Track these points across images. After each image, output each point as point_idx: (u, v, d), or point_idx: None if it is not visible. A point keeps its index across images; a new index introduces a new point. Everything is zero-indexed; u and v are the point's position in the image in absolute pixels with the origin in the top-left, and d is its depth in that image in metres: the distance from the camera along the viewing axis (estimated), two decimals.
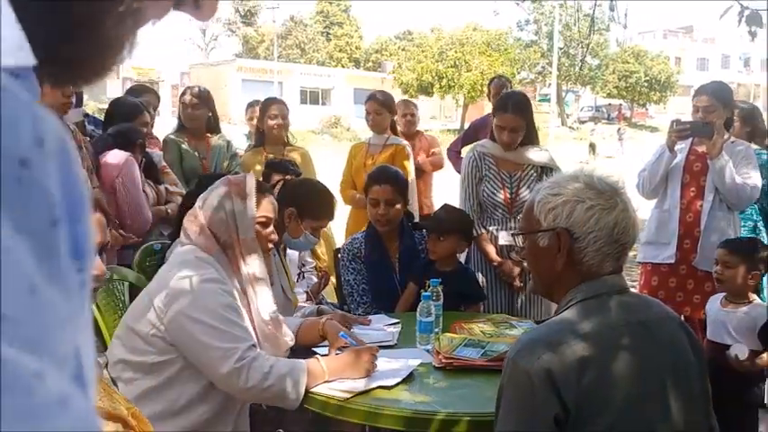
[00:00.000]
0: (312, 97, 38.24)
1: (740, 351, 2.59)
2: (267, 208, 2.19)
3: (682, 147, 3.48)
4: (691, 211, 3.45)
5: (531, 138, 3.24)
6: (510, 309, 3.19)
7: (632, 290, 1.59)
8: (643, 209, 3.85)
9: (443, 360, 2.11)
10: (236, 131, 7.27)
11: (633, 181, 3.66)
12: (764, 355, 2.64)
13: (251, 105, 5.43)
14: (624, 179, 1.57)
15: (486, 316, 2.77)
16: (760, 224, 3.74)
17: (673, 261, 3.46)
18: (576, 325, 1.40)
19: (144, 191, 3.26)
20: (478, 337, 2.34)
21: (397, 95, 8.87)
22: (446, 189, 5.50)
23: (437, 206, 3.46)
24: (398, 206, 2.99)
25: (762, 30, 4.17)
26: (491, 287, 3.25)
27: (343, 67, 44.46)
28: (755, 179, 3.39)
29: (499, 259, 3.20)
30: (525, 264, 2.89)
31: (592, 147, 25.51)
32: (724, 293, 2.83)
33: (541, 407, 1.32)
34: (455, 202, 3.32)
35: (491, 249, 3.21)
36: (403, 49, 37.51)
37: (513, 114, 3.15)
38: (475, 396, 1.91)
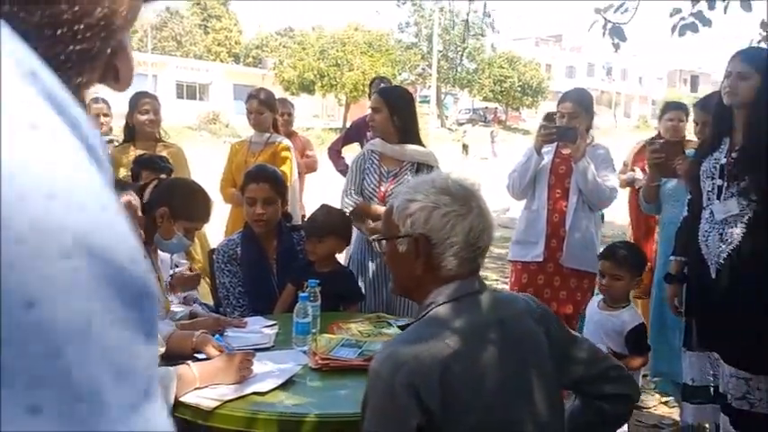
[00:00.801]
0: (189, 92, 37.03)
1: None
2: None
3: (549, 150, 3.65)
4: (557, 212, 3.62)
5: (411, 136, 3.33)
6: (389, 307, 3.22)
7: (497, 288, 1.65)
8: (514, 208, 4.06)
9: (320, 361, 2.09)
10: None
11: (504, 182, 3.81)
12: (635, 359, 2.83)
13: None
14: (480, 182, 1.62)
15: (363, 315, 2.78)
16: None
17: (541, 259, 3.61)
18: (438, 328, 1.44)
19: None
20: (356, 337, 2.34)
21: (279, 92, 8.77)
22: (323, 191, 5.49)
23: (309, 208, 3.45)
24: (276, 206, 2.95)
25: (623, 42, 4.48)
26: (370, 286, 3.27)
27: (221, 61, 43.37)
28: (613, 181, 3.63)
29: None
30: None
31: (465, 148, 26.55)
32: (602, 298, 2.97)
33: (402, 416, 1.35)
34: (334, 202, 3.32)
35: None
36: (284, 46, 37.15)
37: (376, 95, 3.41)
38: (349, 397, 1.90)
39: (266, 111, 4.22)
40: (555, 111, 3.75)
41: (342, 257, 3.33)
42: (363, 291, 3.13)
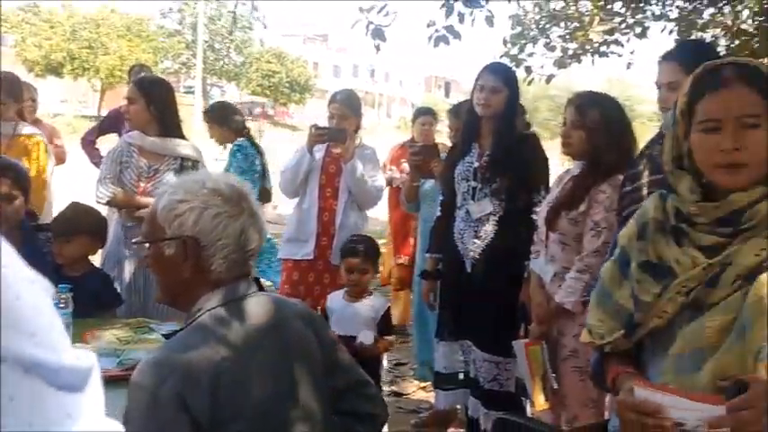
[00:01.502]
0: None
1: (366, 337, 2.84)
2: None
3: (320, 149, 3.71)
4: (327, 210, 3.68)
5: (171, 128, 3.16)
6: (151, 311, 3.02)
7: (268, 290, 1.61)
8: (283, 206, 4.06)
9: None
10: None
11: (276, 179, 3.80)
12: (387, 340, 2.98)
13: None
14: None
15: (122, 321, 2.59)
16: None
17: (311, 257, 3.65)
18: (208, 335, 1.38)
19: None
20: (114, 345, 2.18)
21: (22, 73, 7.82)
22: (72, 185, 5.04)
23: (58, 205, 3.14)
24: (17, 203, 2.62)
25: (384, 43, 4.68)
26: (129, 289, 3.05)
27: None
28: (381, 181, 3.79)
29: None
30: None
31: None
32: (345, 289, 3.05)
33: (168, 429, 1.27)
34: (86, 199, 3.04)
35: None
36: (27, 23, 33.41)
37: (131, 85, 3.32)
38: (108, 413, 1.75)
39: (9, 100, 3.71)
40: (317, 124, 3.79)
41: (96, 259, 3.06)
42: (122, 294, 2.91)
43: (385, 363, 3.90)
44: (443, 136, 5.18)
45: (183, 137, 3.22)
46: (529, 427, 1.79)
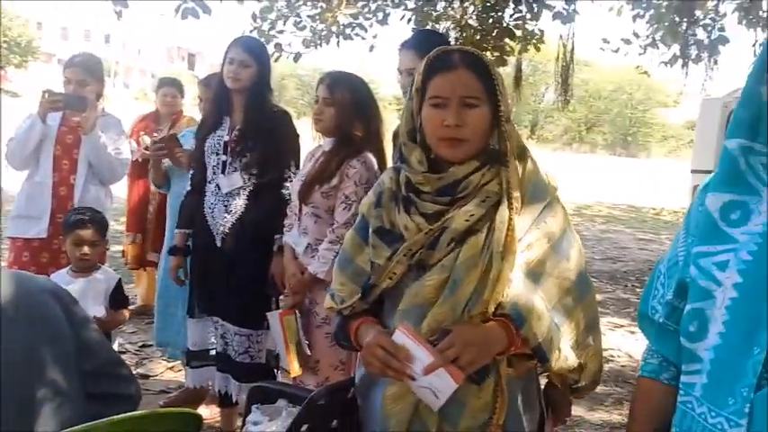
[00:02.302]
0: None
1: (97, 313, 2.69)
2: None
3: (54, 118, 3.39)
4: (64, 185, 3.40)
5: None
6: None
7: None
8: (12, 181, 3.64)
9: None
10: None
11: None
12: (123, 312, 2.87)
13: None
14: None
15: None
16: None
17: (45, 236, 3.36)
18: None
19: None
20: None
21: None
22: None
23: None
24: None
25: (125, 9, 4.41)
26: None
27: None
28: (126, 153, 3.58)
29: None
30: None
31: None
32: (70, 266, 2.86)
33: None
34: None
35: None
36: None
37: None
38: None
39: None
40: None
41: None
42: None
43: (120, 340, 3.74)
44: (188, 108, 5.05)
45: None
46: (284, 391, 1.86)
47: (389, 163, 2.80)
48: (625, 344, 5.18)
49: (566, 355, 1.47)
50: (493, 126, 1.50)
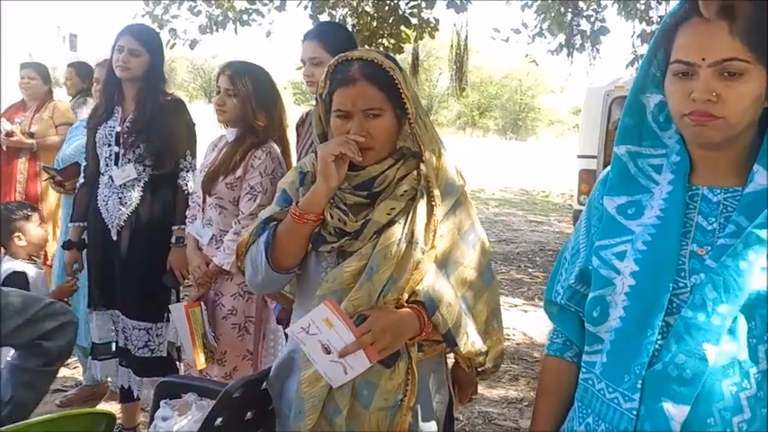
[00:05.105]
0: None
1: None
2: None
3: None
4: None
5: None
6: None
7: None
8: None
9: None
10: None
11: None
12: None
13: None
14: None
15: None
16: None
17: None
18: None
19: None
20: None
21: None
22: None
23: None
24: None
25: None
26: None
27: None
28: None
29: None
30: None
31: None
32: None
33: None
34: None
35: None
36: None
37: None
38: None
39: None
40: None
41: None
42: None
43: None
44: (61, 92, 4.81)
45: None
46: (192, 385, 1.85)
47: (293, 151, 2.81)
48: (520, 323, 5.42)
49: (473, 341, 1.57)
50: (402, 126, 1.57)
